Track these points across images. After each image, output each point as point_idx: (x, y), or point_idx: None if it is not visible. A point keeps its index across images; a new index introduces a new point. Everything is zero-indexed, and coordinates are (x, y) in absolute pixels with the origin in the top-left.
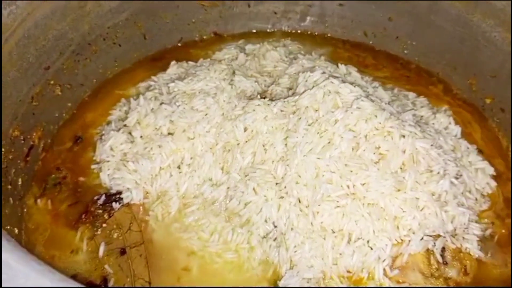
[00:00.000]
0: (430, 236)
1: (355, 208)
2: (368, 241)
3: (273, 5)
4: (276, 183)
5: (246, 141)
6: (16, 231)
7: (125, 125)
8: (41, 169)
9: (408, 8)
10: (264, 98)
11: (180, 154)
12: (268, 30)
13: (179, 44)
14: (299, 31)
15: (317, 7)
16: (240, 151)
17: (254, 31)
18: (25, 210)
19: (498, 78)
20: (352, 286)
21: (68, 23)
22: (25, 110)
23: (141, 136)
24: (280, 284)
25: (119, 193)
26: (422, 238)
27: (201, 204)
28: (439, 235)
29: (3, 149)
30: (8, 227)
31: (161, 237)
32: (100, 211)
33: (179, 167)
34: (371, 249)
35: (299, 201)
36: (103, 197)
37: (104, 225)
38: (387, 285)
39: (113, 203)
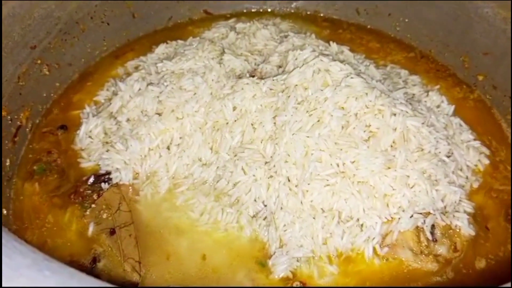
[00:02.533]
0: (420, 213)
1: (344, 187)
2: (358, 220)
3: None
4: (265, 162)
5: (235, 120)
6: (5, 212)
7: (107, 110)
8: (29, 151)
9: None
10: (253, 76)
11: (169, 134)
12: (259, 10)
13: (169, 23)
14: (292, 11)
15: None
16: (229, 130)
17: (244, 11)
18: (13, 191)
19: (490, 55)
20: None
21: (54, 1)
22: (11, 90)
23: (127, 119)
24: (270, 262)
25: (108, 173)
26: (412, 216)
27: (191, 184)
28: (429, 213)
29: None
30: None
31: (150, 217)
32: (89, 191)
33: (168, 148)
34: (361, 230)
35: (289, 180)
36: (92, 177)
37: (93, 205)
38: (376, 263)
39: (102, 184)
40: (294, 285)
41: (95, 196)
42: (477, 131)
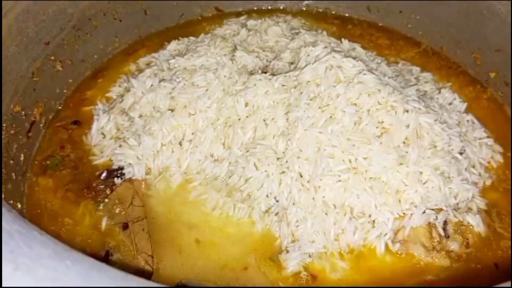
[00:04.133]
0: (432, 209)
1: (357, 182)
2: (370, 215)
3: None
4: (277, 158)
5: (247, 116)
6: (19, 206)
7: (119, 106)
8: (43, 146)
9: None
10: (265, 73)
11: (181, 130)
12: (270, 7)
13: (180, 20)
14: (303, 8)
15: None
16: (241, 126)
17: (255, 8)
18: (27, 185)
19: (502, 52)
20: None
21: None
22: (25, 86)
23: (140, 115)
24: (282, 257)
25: (121, 168)
26: (424, 212)
27: (203, 180)
28: (441, 209)
29: (4, 124)
30: (11, 202)
31: (163, 211)
32: (102, 186)
33: (180, 143)
34: (373, 226)
35: (301, 176)
36: (105, 172)
37: (106, 200)
38: (388, 259)
39: (115, 179)
40: (302, 275)
41: (108, 191)
42: (490, 128)
